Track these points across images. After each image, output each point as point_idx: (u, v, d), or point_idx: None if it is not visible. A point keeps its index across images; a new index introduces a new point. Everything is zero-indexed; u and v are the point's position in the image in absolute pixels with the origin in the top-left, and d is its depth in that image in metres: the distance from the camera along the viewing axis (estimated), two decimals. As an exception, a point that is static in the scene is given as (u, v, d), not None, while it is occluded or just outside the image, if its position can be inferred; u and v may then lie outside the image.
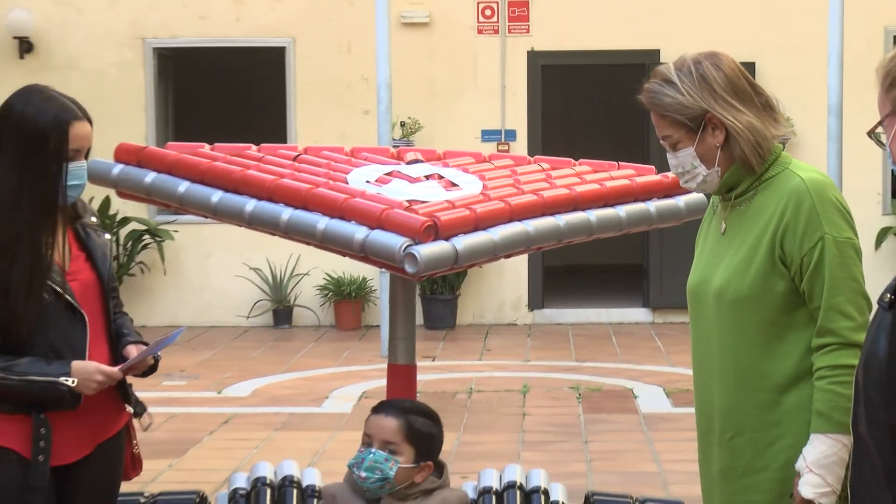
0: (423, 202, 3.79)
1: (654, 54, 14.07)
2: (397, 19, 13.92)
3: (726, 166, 3.55)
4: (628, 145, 14.60)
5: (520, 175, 4.27)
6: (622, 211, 4.13)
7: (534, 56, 14.38)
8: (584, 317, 14.52)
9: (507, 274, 14.32)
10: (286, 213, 3.82)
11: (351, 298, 14.01)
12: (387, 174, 4.14)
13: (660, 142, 3.61)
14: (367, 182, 4.02)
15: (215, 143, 4.39)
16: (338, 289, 14.02)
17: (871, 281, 3.44)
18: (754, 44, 13.39)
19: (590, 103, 17.99)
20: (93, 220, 4.04)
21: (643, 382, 10.76)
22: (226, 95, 17.49)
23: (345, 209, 3.72)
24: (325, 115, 14.22)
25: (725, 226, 3.62)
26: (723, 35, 12.90)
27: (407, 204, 3.73)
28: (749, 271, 3.50)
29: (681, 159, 3.57)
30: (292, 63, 14.39)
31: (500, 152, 10.98)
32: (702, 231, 3.80)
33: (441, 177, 4.14)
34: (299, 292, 14.33)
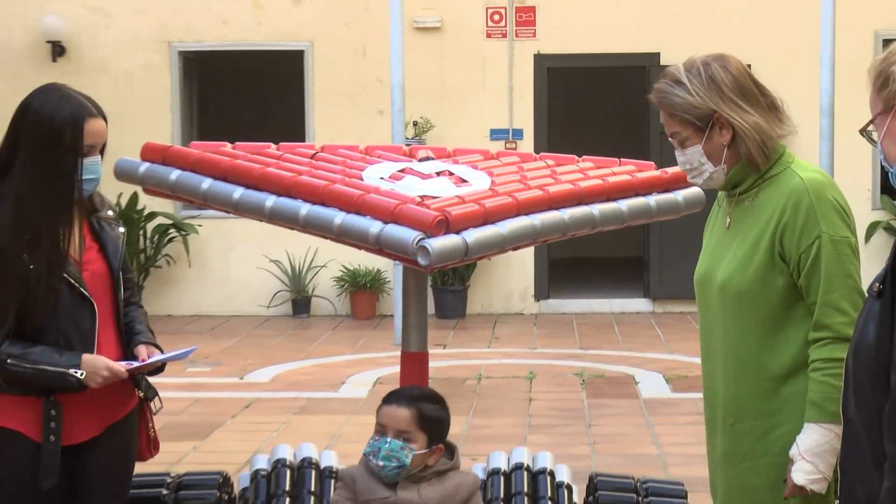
0: (434, 197, 3.78)
1: (654, 57, 14.05)
2: (410, 24, 13.90)
3: (732, 164, 3.53)
4: (629, 143, 14.56)
5: (526, 171, 4.27)
6: (623, 205, 4.12)
7: (540, 59, 14.36)
8: (587, 307, 14.50)
9: (515, 266, 14.31)
10: (304, 208, 3.81)
11: (366, 289, 14.02)
12: (400, 171, 4.13)
13: (668, 139, 3.59)
14: (382, 179, 4.02)
15: (237, 142, 4.38)
16: (353, 280, 14.03)
17: (861, 272, 3.44)
18: (750, 47, 13.34)
19: (593, 103, 17.95)
20: (109, 213, 4.02)
21: (644, 369, 10.74)
22: (247, 96, 17.47)
23: (360, 204, 3.71)
24: (341, 115, 14.21)
25: (730, 220, 3.61)
26: (719, 39, 12.84)
27: (419, 199, 3.72)
28: (750, 266, 3.49)
29: (688, 156, 3.56)
30: (310, 66, 14.38)
31: (507, 150, 10.97)
32: (709, 224, 3.78)
33: (451, 173, 4.14)
34: (317, 283, 14.34)
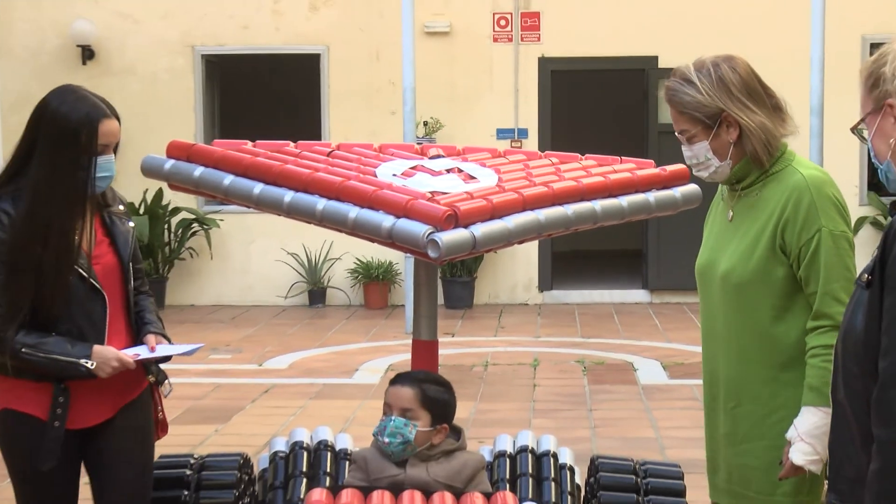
0: (444, 193, 3.78)
1: (652, 60, 14.03)
2: (421, 29, 13.90)
3: (737, 160, 3.53)
4: (629, 142, 14.55)
5: (531, 168, 4.26)
6: (624, 201, 4.11)
7: (544, 62, 14.34)
8: (588, 297, 14.48)
9: (520, 258, 14.31)
10: (321, 203, 3.80)
11: (378, 280, 14.02)
12: (411, 168, 4.12)
13: (676, 135, 3.59)
14: (394, 175, 4.01)
15: (257, 141, 4.39)
16: (367, 272, 14.03)
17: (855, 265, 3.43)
18: (742, 50, 13.23)
19: (594, 104, 17.93)
20: (120, 208, 4.02)
21: (642, 357, 10.73)
22: (266, 97, 17.48)
23: (374, 200, 3.70)
24: (355, 116, 14.20)
25: (732, 214, 3.61)
26: (714, 42, 12.73)
27: (430, 195, 3.71)
28: (752, 257, 3.49)
29: (695, 151, 3.55)
30: (326, 68, 14.37)
31: (513, 148, 10.96)
32: (709, 217, 3.78)
33: (460, 170, 4.13)
34: (332, 275, 14.34)
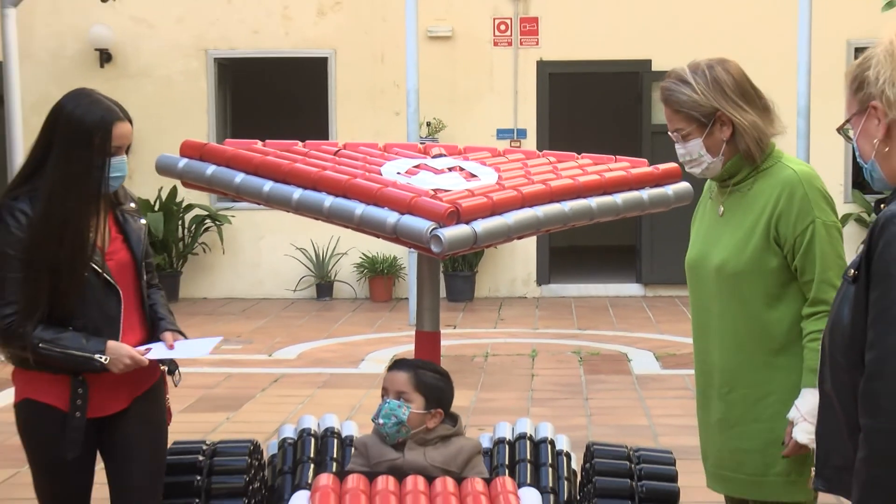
0: (446, 191, 3.78)
1: (646, 63, 14.02)
2: (424, 33, 13.88)
3: (729, 157, 3.55)
4: (624, 141, 14.53)
5: (530, 167, 4.26)
6: (619, 198, 4.11)
7: (542, 65, 14.32)
8: (584, 291, 14.48)
9: (519, 253, 14.30)
10: (328, 200, 3.81)
11: (383, 275, 14.01)
12: (415, 167, 4.12)
13: (670, 134, 3.60)
14: (398, 173, 4.01)
15: (267, 140, 4.38)
16: (372, 266, 14.02)
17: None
18: (732, 54, 13.21)
19: (591, 105, 17.92)
20: (132, 206, 4.01)
21: (636, 348, 10.72)
22: (276, 99, 17.47)
23: (379, 197, 3.70)
24: (361, 116, 14.20)
25: (723, 209, 3.61)
26: (704, 47, 12.65)
27: (433, 192, 3.71)
28: (746, 249, 3.50)
29: (689, 149, 3.56)
30: (333, 71, 14.36)
31: (512, 148, 10.95)
32: (696, 216, 3.78)
33: (462, 169, 4.13)
34: (339, 269, 14.34)
